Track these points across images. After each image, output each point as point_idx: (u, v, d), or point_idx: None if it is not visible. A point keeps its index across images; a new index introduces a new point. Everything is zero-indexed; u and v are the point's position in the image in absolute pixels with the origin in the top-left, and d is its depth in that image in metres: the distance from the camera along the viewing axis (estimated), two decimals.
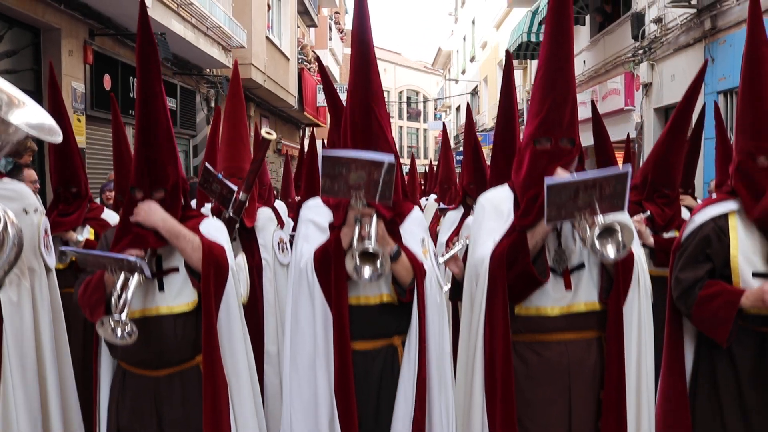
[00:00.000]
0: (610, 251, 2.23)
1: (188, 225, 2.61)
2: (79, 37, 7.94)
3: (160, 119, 2.51)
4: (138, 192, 2.54)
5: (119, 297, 2.32)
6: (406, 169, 15.46)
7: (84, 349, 3.90)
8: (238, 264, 2.76)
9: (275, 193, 7.33)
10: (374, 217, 2.44)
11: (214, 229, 2.67)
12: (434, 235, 5.84)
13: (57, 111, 3.66)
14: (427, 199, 9.66)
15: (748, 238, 2.62)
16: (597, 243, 2.21)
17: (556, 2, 2.47)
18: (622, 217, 2.32)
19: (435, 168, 11.72)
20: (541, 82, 2.50)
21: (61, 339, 2.97)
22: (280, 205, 5.99)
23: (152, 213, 2.48)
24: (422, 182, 12.28)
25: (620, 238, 2.22)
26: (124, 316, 2.27)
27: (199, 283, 2.49)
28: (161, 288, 2.52)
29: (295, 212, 5.61)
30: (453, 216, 5.08)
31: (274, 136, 3.60)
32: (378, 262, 2.34)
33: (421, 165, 22.30)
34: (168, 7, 8.89)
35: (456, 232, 4.60)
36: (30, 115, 2.32)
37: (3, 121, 2.19)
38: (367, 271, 2.36)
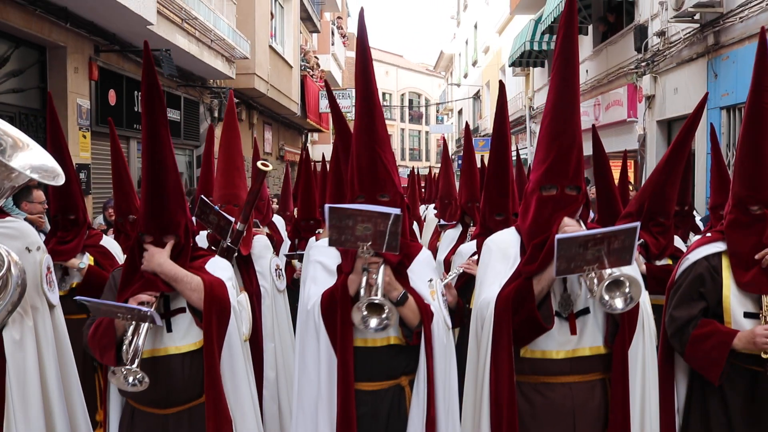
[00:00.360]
0: (618, 304, 2.27)
1: (195, 264, 2.66)
2: (84, 53, 7.99)
3: (168, 168, 2.55)
4: (147, 237, 2.58)
5: (130, 343, 2.36)
6: (406, 171, 15.40)
7: (83, 376, 3.93)
8: (240, 302, 2.80)
9: (274, 203, 7.36)
10: (381, 266, 2.48)
11: (220, 269, 2.72)
12: (434, 251, 5.87)
13: (56, 141, 3.68)
14: (426, 208, 9.66)
15: None
16: (605, 296, 2.25)
17: (561, 53, 2.51)
18: (630, 270, 2.35)
19: (435, 176, 11.75)
20: (548, 130, 2.54)
21: (71, 376, 2.98)
22: (278, 220, 6.03)
23: (150, 259, 2.53)
24: (422, 185, 12.30)
25: (627, 291, 2.25)
26: (135, 365, 2.32)
27: (201, 322, 2.54)
28: (169, 329, 2.57)
29: (292, 227, 5.63)
30: (452, 234, 5.11)
31: (269, 168, 3.66)
32: (384, 313, 2.38)
33: (423, 167, 22.33)
34: (173, 23, 8.93)
35: (453, 251, 4.63)
36: (33, 158, 2.35)
37: (6, 166, 2.22)
38: (373, 322, 2.39)
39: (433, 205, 9.50)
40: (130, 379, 2.32)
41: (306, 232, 5.19)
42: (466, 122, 6.02)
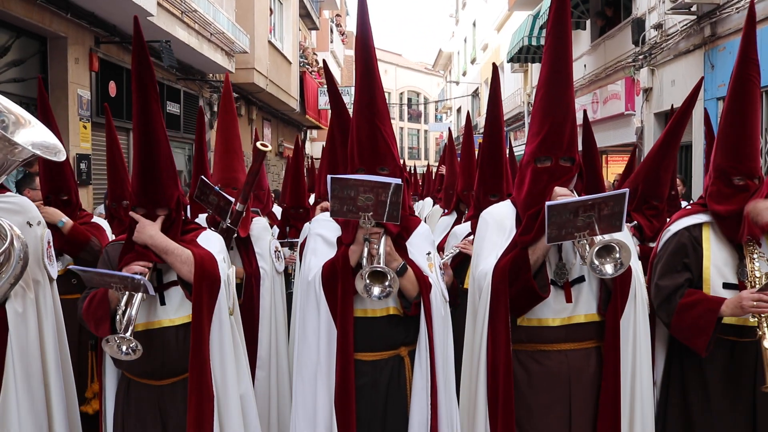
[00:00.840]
0: (609, 269, 2.31)
1: (187, 238, 2.69)
2: (85, 44, 8.02)
3: (159, 141, 2.57)
4: (139, 210, 2.62)
5: (123, 314, 2.39)
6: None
7: (78, 355, 3.95)
8: (228, 277, 2.84)
9: (273, 197, 7.41)
10: (383, 236, 2.52)
11: (211, 242, 2.74)
12: None
13: (48, 125, 3.71)
14: (422, 204, 9.70)
15: (720, 250, 2.73)
16: (596, 261, 2.30)
17: (554, 26, 2.56)
18: (621, 236, 2.39)
19: (433, 172, 11.79)
20: (542, 103, 2.59)
21: (63, 349, 3.02)
22: (278, 210, 6.07)
23: (141, 231, 2.55)
24: (421, 184, 12.33)
25: (618, 256, 2.30)
26: (128, 334, 2.34)
27: (191, 295, 2.55)
28: (162, 302, 2.60)
29: (281, 215, 5.66)
30: (446, 221, 5.14)
31: (268, 148, 3.70)
32: (387, 281, 2.41)
33: (422, 166, 22.34)
34: (172, 15, 8.97)
35: (447, 238, 4.67)
36: (35, 134, 2.37)
37: (9, 141, 2.24)
38: (376, 290, 2.43)
39: (428, 200, 9.54)
40: (124, 347, 2.34)
41: (295, 220, 5.24)
42: (467, 111, 6.06)
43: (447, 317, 2.73)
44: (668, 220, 4.23)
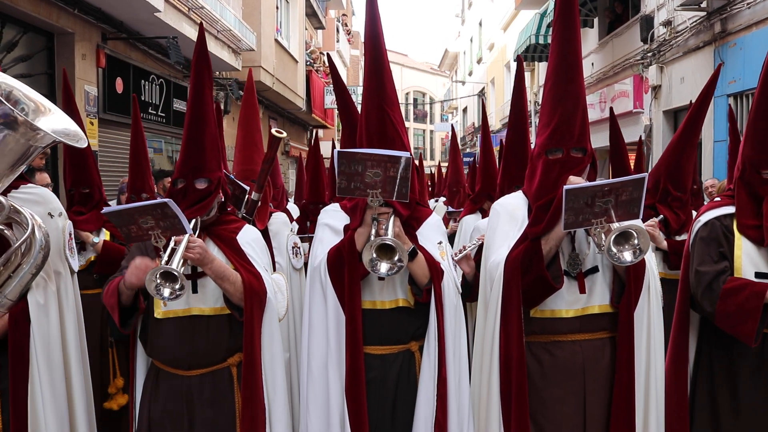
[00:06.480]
0: (627, 256, 2.26)
1: (228, 228, 2.70)
2: (92, 40, 8.02)
3: (207, 121, 2.67)
4: (180, 182, 2.64)
5: (167, 263, 2.32)
6: None
7: (101, 349, 3.96)
8: (276, 282, 2.79)
9: (287, 195, 7.41)
10: (391, 216, 2.47)
11: (250, 245, 2.71)
12: None
13: (71, 116, 3.74)
14: (436, 201, 9.68)
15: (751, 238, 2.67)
16: (614, 249, 2.24)
17: (561, 15, 2.50)
18: (637, 222, 2.34)
19: (443, 170, 11.77)
20: (551, 93, 2.53)
21: (82, 343, 3.01)
22: (293, 207, 6.05)
23: (205, 255, 2.48)
24: (429, 184, 12.29)
25: (636, 243, 2.24)
26: (175, 265, 2.27)
27: (241, 318, 2.55)
28: (195, 290, 2.57)
29: (300, 210, 5.66)
30: (470, 220, 5.11)
31: (284, 134, 3.66)
32: (395, 257, 2.33)
33: (428, 166, 22.31)
34: (179, 11, 8.96)
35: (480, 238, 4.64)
36: (55, 122, 2.36)
37: (32, 127, 2.23)
38: (383, 266, 2.36)
39: (442, 199, 9.54)
40: (166, 291, 2.27)
41: (314, 215, 5.22)
42: (483, 109, 6.04)
43: (459, 308, 2.67)
44: (695, 213, 4.21)
